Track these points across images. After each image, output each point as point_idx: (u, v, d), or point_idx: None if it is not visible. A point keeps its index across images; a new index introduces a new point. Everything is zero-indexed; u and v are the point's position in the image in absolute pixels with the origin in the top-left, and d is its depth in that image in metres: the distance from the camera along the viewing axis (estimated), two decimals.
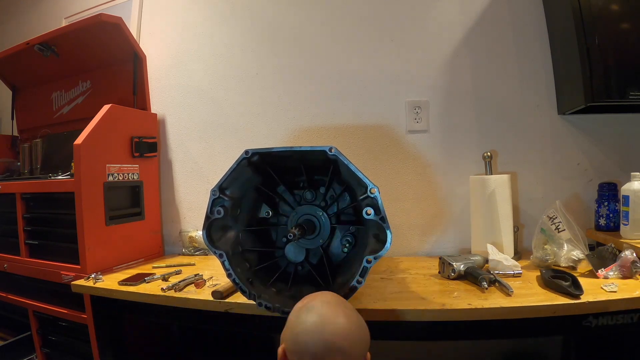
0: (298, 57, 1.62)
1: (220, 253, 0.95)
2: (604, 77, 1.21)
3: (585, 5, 1.21)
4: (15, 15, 2.12)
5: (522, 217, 1.50)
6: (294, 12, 1.62)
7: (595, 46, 1.20)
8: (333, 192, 1.03)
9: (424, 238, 1.55)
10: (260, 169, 1.01)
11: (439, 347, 1.54)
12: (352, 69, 1.58)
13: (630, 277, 1.05)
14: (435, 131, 1.54)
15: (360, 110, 1.58)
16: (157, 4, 1.75)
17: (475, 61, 1.52)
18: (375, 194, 0.86)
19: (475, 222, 1.39)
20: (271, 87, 1.64)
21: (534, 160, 1.50)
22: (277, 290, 0.99)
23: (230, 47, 1.68)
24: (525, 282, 1.09)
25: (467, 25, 1.52)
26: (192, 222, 1.74)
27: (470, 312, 0.93)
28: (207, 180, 1.72)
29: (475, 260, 1.19)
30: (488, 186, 1.32)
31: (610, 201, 1.36)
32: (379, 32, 1.56)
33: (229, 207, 0.98)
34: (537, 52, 1.48)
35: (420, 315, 0.94)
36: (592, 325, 0.93)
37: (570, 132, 1.48)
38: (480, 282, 1.04)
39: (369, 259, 0.85)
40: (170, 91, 1.75)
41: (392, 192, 1.56)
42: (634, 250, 1.08)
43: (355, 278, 0.86)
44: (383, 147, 1.57)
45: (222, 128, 1.70)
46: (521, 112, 1.50)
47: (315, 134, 1.61)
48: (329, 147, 0.90)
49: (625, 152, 1.45)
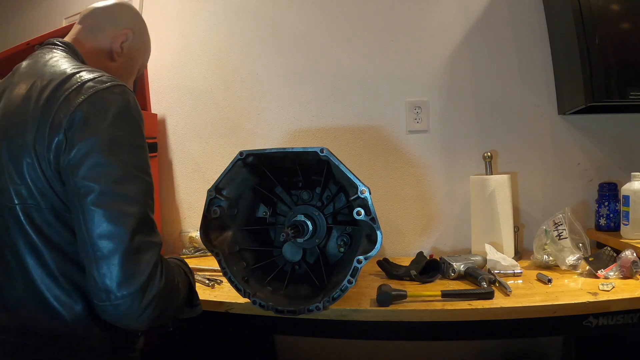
0: (298, 57, 1.62)
1: (216, 252, 0.97)
2: (604, 77, 1.21)
3: (586, 5, 1.21)
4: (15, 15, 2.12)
5: (522, 217, 1.50)
6: (294, 12, 1.62)
7: (595, 46, 1.20)
8: (329, 193, 1.04)
9: (424, 238, 1.55)
10: (257, 170, 1.02)
11: (439, 347, 1.54)
12: (352, 69, 1.58)
13: (630, 277, 1.05)
14: (435, 131, 1.54)
15: (360, 110, 1.58)
16: (157, 4, 1.75)
17: (476, 61, 1.52)
18: (365, 194, 0.87)
19: (475, 222, 1.39)
20: (271, 87, 1.64)
21: (534, 160, 1.50)
22: (273, 289, 1.00)
23: (230, 47, 1.68)
24: (526, 282, 1.09)
25: (467, 25, 1.52)
26: (192, 222, 1.74)
27: (470, 312, 0.93)
28: (207, 181, 1.71)
29: (475, 261, 1.19)
30: (488, 186, 1.32)
31: (611, 201, 1.36)
32: (379, 32, 1.56)
33: (226, 207, 1.00)
34: (537, 52, 1.48)
35: (420, 315, 0.95)
36: (592, 325, 0.93)
37: (571, 132, 1.48)
38: (480, 282, 1.04)
39: (360, 259, 0.86)
40: (171, 91, 1.75)
41: (392, 192, 1.56)
42: (634, 250, 1.08)
43: (347, 278, 0.87)
44: (383, 147, 1.57)
45: (223, 128, 1.70)
46: (521, 112, 1.50)
47: (315, 134, 1.61)
48: (320, 148, 0.90)
49: (626, 152, 1.45)
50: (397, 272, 1.19)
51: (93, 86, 0.70)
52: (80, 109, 0.68)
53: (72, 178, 0.66)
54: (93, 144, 0.67)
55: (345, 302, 0.96)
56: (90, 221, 0.65)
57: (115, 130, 0.69)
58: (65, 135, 0.67)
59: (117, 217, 0.65)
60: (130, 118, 0.72)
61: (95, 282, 0.64)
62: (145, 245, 0.66)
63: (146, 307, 0.65)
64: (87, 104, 0.69)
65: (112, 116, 0.69)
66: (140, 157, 0.72)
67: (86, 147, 0.66)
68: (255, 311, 0.97)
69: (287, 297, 0.98)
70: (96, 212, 0.64)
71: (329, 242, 1.05)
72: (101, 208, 0.65)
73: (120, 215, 0.65)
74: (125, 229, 0.65)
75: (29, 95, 0.71)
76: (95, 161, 0.66)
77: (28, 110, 0.70)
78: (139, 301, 0.64)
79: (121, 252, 0.63)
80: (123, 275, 0.63)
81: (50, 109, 0.68)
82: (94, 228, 0.64)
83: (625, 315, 0.93)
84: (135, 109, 0.74)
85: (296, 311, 0.91)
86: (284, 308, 0.92)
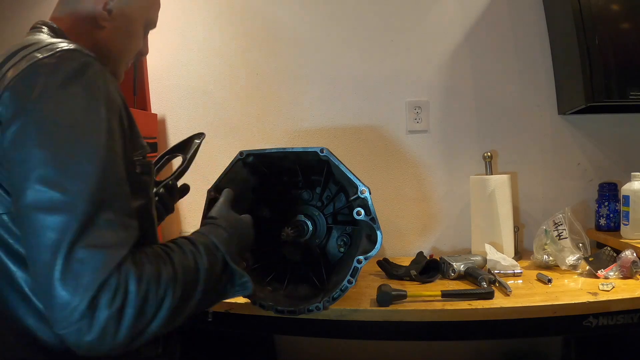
0: (298, 58, 1.62)
1: None
2: (604, 77, 1.21)
3: (586, 5, 1.21)
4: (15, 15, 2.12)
5: (522, 217, 1.50)
6: (294, 12, 1.62)
7: (595, 46, 1.20)
8: (329, 193, 1.04)
9: (424, 238, 1.55)
10: (257, 170, 1.01)
11: (439, 347, 1.54)
12: (352, 69, 1.58)
13: (630, 277, 1.05)
14: (435, 131, 1.54)
15: (360, 110, 1.58)
16: None
17: (476, 61, 1.52)
18: (365, 194, 0.87)
19: (475, 222, 1.39)
20: (271, 87, 1.64)
21: (534, 160, 1.50)
22: (273, 289, 1.00)
23: (231, 47, 1.68)
24: (526, 282, 1.09)
25: (467, 25, 1.52)
26: (192, 222, 1.74)
27: (470, 312, 0.93)
28: (208, 181, 1.70)
29: (475, 261, 1.19)
30: (488, 186, 1.32)
31: (611, 201, 1.36)
32: (379, 32, 1.56)
33: None
34: (537, 52, 1.48)
35: (420, 315, 0.95)
36: (592, 325, 0.93)
37: (571, 132, 1.48)
38: (480, 282, 1.04)
39: (360, 259, 0.86)
40: (171, 91, 1.75)
41: (392, 192, 1.56)
42: (634, 250, 1.08)
43: (347, 278, 0.87)
44: (383, 147, 1.57)
45: (223, 128, 1.70)
46: (521, 112, 1.50)
47: (315, 134, 1.61)
48: (321, 148, 0.90)
49: (625, 152, 1.45)
50: (397, 272, 1.19)
51: (35, 57, 0.57)
52: (11, 84, 0.55)
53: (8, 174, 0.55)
54: (19, 127, 0.53)
55: (345, 302, 0.96)
56: (27, 231, 0.52)
57: (49, 107, 0.54)
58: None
59: (45, 225, 0.51)
60: (78, 90, 0.57)
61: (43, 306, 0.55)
62: (90, 255, 0.51)
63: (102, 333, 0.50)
64: (21, 77, 0.56)
65: (49, 88, 0.55)
66: (88, 143, 0.55)
67: (12, 133, 0.54)
68: (255, 311, 0.97)
69: (287, 297, 0.98)
70: (29, 219, 0.52)
71: (329, 242, 1.05)
72: (32, 213, 0.52)
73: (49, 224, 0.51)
74: (56, 240, 0.50)
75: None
76: (22, 151, 0.53)
77: None
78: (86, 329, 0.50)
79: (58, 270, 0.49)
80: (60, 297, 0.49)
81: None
82: (28, 239, 0.52)
83: (625, 315, 0.93)
84: (89, 80, 0.58)
85: (296, 311, 0.91)
86: (284, 308, 0.92)
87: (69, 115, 0.55)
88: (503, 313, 0.93)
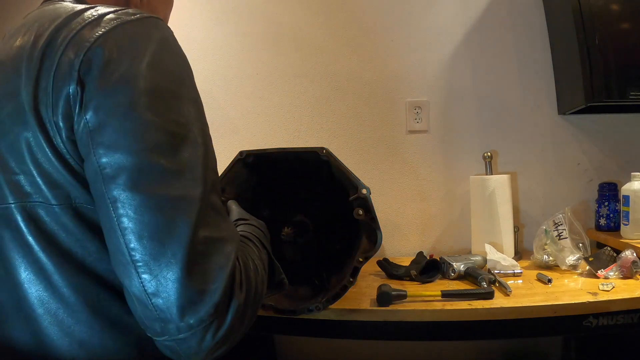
0: (298, 57, 1.62)
1: None
2: (604, 76, 1.21)
3: (585, 4, 1.21)
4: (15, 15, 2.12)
5: (522, 217, 1.50)
6: (294, 12, 1.62)
7: (595, 46, 1.20)
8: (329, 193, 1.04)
9: (424, 238, 1.55)
10: (257, 170, 1.01)
11: (439, 347, 1.54)
12: (352, 69, 1.58)
13: (630, 277, 1.05)
14: (435, 131, 1.54)
15: (360, 110, 1.58)
16: None
17: (476, 61, 1.52)
18: (365, 194, 0.87)
19: (475, 222, 1.39)
20: (271, 86, 1.64)
21: (534, 160, 1.50)
22: None
23: (231, 47, 1.68)
24: (526, 282, 1.09)
25: (467, 25, 1.52)
26: None
27: (470, 312, 0.93)
28: None
29: (475, 261, 1.19)
30: (488, 186, 1.32)
31: (611, 201, 1.36)
32: (379, 32, 1.56)
33: None
34: (537, 52, 1.48)
35: (420, 315, 0.94)
36: (592, 325, 0.93)
37: (571, 132, 1.48)
38: (480, 282, 1.04)
39: (360, 259, 0.86)
40: None
41: (392, 192, 1.56)
42: (634, 250, 1.08)
43: (347, 278, 0.87)
44: (383, 147, 1.57)
45: (223, 128, 1.70)
46: (521, 112, 1.50)
47: (315, 134, 1.61)
48: (321, 148, 0.90)
49: (625, 152, 1.45)
50: (397, 272, 1.19)
51: (116, 17, 0.48)
52: (100, 46, 0.46)
53: (93, 150, 0.44)
54: (121, 95, 0.45)
55: (345, 302, 0.95)
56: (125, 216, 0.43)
57: (155, 76, 0.47)
58: (79, 85, 0.45)
59: (167, 204, 0.43)
60: (174, 59, 0.52)
61: (143, 308, 0.43)
62: (213, 244, 0.45)
63: (226, 335, 0.44)
64: (111, 39, 0.47)
65: (150, 55, 0.48)
66: (195, 114, 0.51)
67: (111, 101, 0.45)
68: None
69: (287, 297, 0.98)
70: (133, 199, 0.43)
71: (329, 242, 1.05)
72: (140, 193, 0.43)
73: (171, 201, 0.43)
74: (183, 222, 0.43)
75: (23, 44, 0.49)
76: (126, 122, 0.44)
77: (22, 62, 0.48)
78: (214, 330, 0.43)
79: (179, 260, 0.42)
80: (186, 295, 0.41)
81: (54, 52, 0.46)
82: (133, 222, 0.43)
83: (625, 315, 0.93)
84: (179, 50, 0.54)
85: (296, 311, 0.91)
86: (284, 308, 0.92)
87: (175, 83, 0.50)
88: (503, 313, 0.93)
